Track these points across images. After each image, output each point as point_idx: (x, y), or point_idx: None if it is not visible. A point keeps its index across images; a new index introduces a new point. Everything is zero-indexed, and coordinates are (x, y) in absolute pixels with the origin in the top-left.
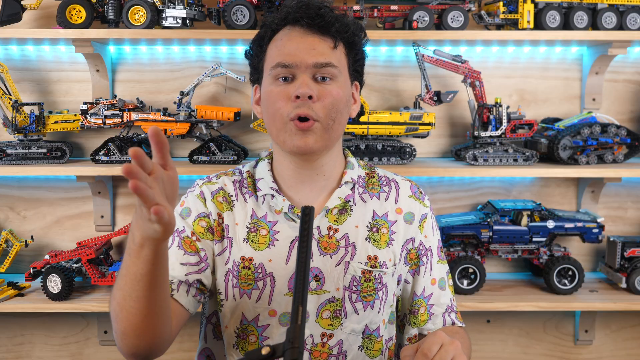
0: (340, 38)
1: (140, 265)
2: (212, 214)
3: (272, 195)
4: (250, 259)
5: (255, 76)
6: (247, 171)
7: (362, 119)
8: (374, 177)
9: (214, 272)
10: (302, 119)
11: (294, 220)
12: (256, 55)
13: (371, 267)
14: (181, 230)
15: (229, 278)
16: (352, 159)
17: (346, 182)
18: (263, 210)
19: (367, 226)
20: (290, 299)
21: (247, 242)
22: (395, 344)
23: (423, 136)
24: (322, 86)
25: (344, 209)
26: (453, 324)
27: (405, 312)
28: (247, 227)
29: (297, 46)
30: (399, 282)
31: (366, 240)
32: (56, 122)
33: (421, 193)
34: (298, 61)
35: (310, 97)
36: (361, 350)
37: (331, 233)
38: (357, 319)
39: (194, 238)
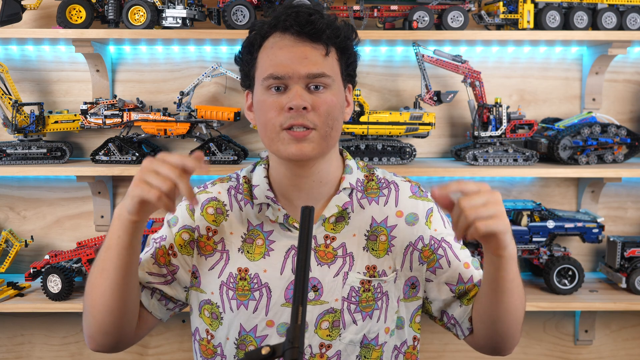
0: (332, 44)
1: (117, 236)
2: (200, 227)
3: (268, 205)
4: (246, 270)
5: (247, 82)
6: (244, 176)
7: (362, 119)
8: (373, 179)
9: (195, 286)
10: (297, 128)
11: (289, 230)
12: (246, 62)
13: (370, 277)
14: (161, 239)
15: (223, 291)
16: (350, 162)
17: (344, 189)
18: (259, 219)
19: (365, 234)
20: (287, 309)
21: (242, 253)
22: (415, 347)
23: (423, 136)
24: (316, 95)
25: (341, 217)
26: None
27: (444, 310)
28: (242, 237)
29: (289, 56)
30: (414, 285)
31: (364, 249)
32: (56, 122)
33: (422, 191)
34: (290, 72)
35: (304, 108)
36: (359, 359)
37: (328, 242)
38: (355, 329)
39: (170, 252)
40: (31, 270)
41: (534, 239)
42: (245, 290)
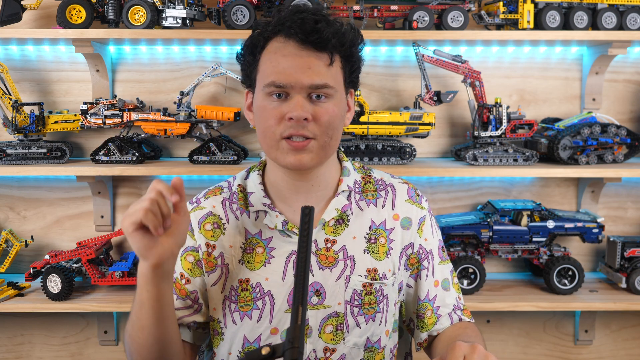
0: (337, 52)
1: (146, 290)
2: (201, 245)
3: (265, 212)
4: (247, 280)
5: (248, 82)
6: (239, 185)
7: (362, 119)
8: (370, 182)
9: (208, 305)
10: (297, 138)
11: (289, 236)
12: (248, 62)
13: (371, 279)
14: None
15: (226, 305)
16: (347, 163)
17: (342, 191)
18: (257, 227)
19: (365, 237)
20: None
21: (242, 264)
22: (397, 350)
23: (423, 136)
24: (317, 105)
25: (341, 220)
26: (460, 320)
27: (411, 317)
28: (241, 247)
29: (292, 64)
30: (400, 289)
31: (365, 252)
32: (56, 122)
33: (418, 196)
34: (293, 81)
35: (305, 119)
36: None
37: (329, 245)
38: (359, 332)
39: (183, 281)
40: (31, 270)
41: (534, 239)
42: (248, 301)
